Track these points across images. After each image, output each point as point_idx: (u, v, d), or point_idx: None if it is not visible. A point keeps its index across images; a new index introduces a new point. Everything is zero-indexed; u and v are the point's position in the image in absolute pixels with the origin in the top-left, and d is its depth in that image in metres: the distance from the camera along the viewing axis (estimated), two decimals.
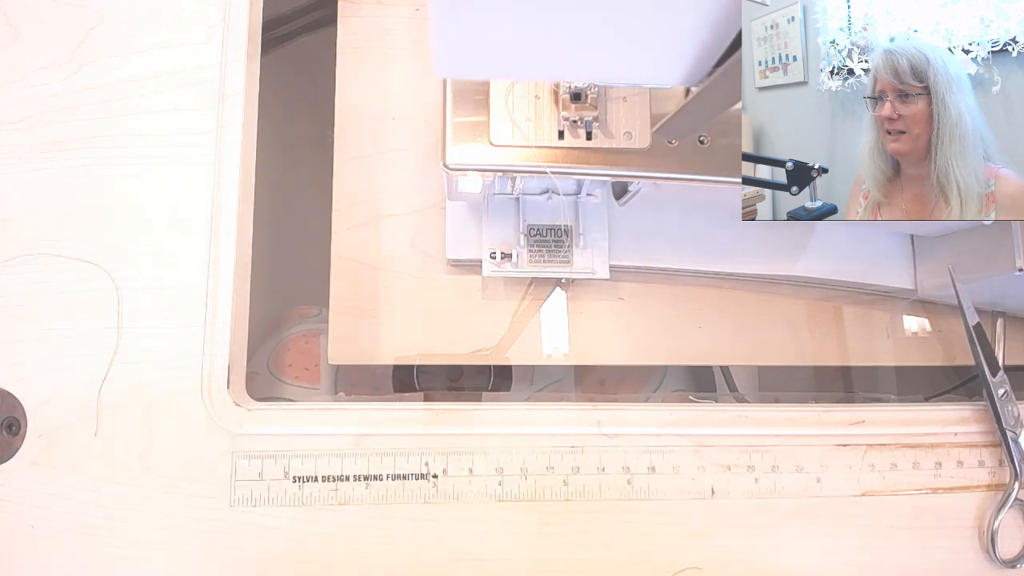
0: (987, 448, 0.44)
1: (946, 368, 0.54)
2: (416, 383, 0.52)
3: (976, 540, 0.43)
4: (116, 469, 0.40)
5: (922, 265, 0.52)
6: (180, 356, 0.41)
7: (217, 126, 0.43)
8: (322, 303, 0.51)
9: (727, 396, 0.55)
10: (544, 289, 0.51)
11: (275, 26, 0.58)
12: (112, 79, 0.44)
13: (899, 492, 0.43)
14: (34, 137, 0.43)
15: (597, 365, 0.53)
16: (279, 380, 0.53)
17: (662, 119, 0.38)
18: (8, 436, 0.40)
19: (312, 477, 0.40)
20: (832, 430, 0.43)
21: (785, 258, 0.51)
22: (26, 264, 0.41)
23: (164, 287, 0.42)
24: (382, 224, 0.51)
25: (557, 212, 0.47)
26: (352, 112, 0.52)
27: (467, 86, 0.38)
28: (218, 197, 0.43)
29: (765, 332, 0.53)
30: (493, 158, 0.38)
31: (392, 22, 0.53)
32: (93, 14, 0.44)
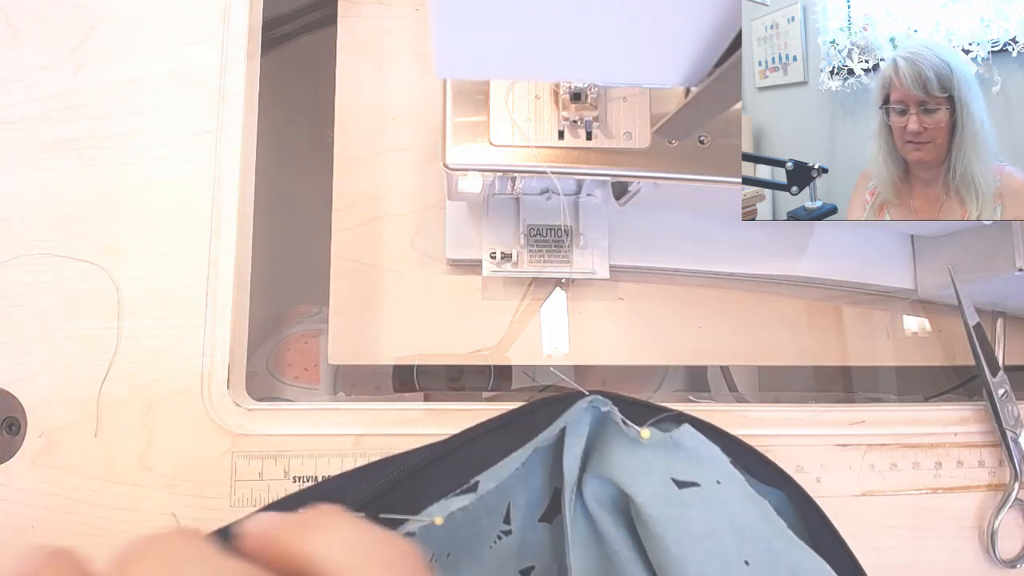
0: (987, 448, 0.44)
1: (946, 368, 0.54)
2: (416, 383, 0.52)
3: (976, 540, 0.43)
4: (116, 469, 0.40)
5: (922, 265, 0.52)
6: (180, 356, 0.41)
7: (217, 126, 0.43)
8: (322, 303, 0.51)
9: (727, 396, 0.55)
10: (544, 289, 0.51)
11: (275, 26, 0.58)
12: (112, 79, 0.44)
13: (899, 492, 0.43)
14: (34, 137, 0.43)
15: (597, 365, 0.53)
16: (278, 380, 0.53)
17: (662, 119, 0.38)
18: (8, 436, 0.40)
19: (312, 477, 0.40)
20: (832, 430, 0.43)
21: (785, 258, 0.51)
22: (26, 264, 0.41)
23: (164, 287, 0.42)
24: (382, 224, 0.51)
25: (557, 212, 0.47)
26: (352, 112, 0.52)
27: (467, 86, 0.38)
28: (218, 197, 0.43)
29: (765, 332, 0.53)
30: (493, 158, 0.38)
31: (392, 22, 0.53)
32: (93, 14, 0.44)
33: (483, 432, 0.36)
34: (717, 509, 0.34)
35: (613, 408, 0.36)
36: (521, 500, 0.37)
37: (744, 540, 0.33)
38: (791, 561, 0.33)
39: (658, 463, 0.35)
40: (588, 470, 0.36)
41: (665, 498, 0.34)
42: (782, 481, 0.38)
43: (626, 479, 0.34)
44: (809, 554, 0.34)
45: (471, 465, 0.34)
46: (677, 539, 0.32)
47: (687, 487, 0.34)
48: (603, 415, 0.37)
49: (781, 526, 0.34)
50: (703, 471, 0.35)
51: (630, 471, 0.35)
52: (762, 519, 0.34)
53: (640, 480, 0.34)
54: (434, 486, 0.33)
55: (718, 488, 0.34)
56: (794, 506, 0.38)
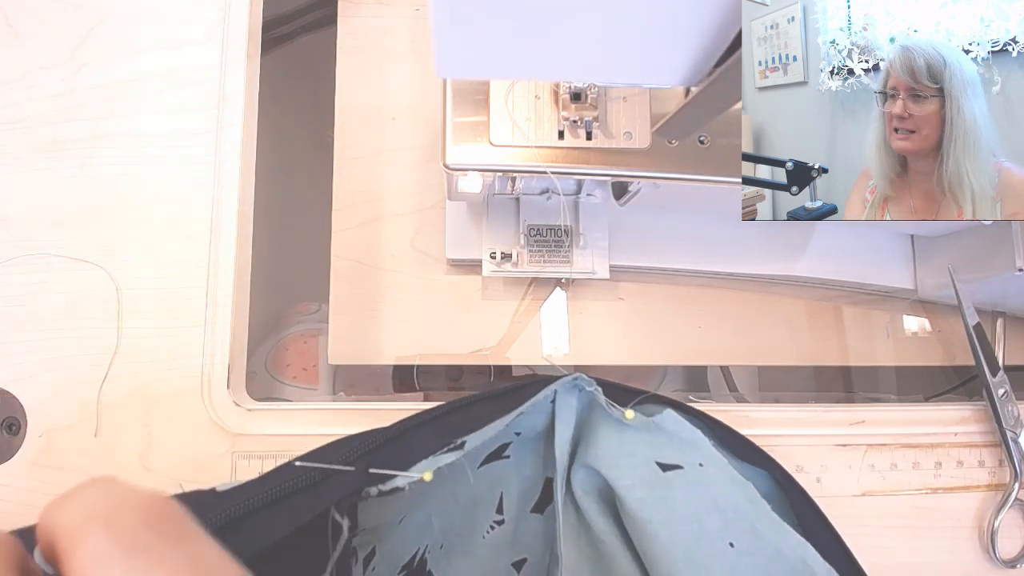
0: (987, 448, 0.44)
1: (946, 368, 0.54)
2: (416, 383, 0.51)
3: (976, 540, 0.43)
4: (116, 469, 0.40)
5: (922, 265, 0.52)
6: (180, 356, 0.41)
7: (217, 126, 0.43)
8: (321, 302, 0.51)
9: (727, 396, 0.55)
10: (544, 289, 0.51)
11: (275, 26, 0.58)
12: (112, 79, 0.44)
13: (899, 492, 0.43)
14: (34, 137, 0.43)
15: (597, 365, 0.53)
16: (277, 380, 0.53)
17: (662, 119, 0.38)
18: (8, 436, 0.40)
19: None
20: (832, 430, 0.44)
21: (785, 258, 0.51)
22: (26, 264, 0.41)
23: (164, 287, 0.42)
24: (382, 224, 0.51)
25: (557, 212, 0.47)
26: (352, 112, 0.52)
27: (467, 86, 0.38)
28: (218, 197, 0.43)
29: (765, 332, 0.53)
30: (493, 158, 0.38)
31: (392, 22, 0.53)
32: (93, 14, 0.44)
33: (471, 401, 0.36)
34: (701, 491, 0.34)
35: (597, 388, 0.36)
36: (514, 490, 0.38)
37: (728, 522, 0.33)
38: (775, 542, 0.33)
39: (642, 447, 0.35)
40: (577, 459, 0.36)
41: (650, 481, 0.34)
42: (765, 462, 0.38)
43: (611, 463, 0.35)
44: (792, 535, 0.34)
45: (459, 428, 0.34)
46: (663, 522, 0.33)
47: (671, 469, 0.35)
48: (589, 403, 0.37)
49: (765, 508, 0.35)
50: (686, 454, 0.35)
51: (616, 455, 0.35)
52: (746, 500, 0.35)
53: (625, 463, 0.35)
54: (421, 445, 0.33)
55: (701, 471, 0.35)
56: (778, 486, 0.38)
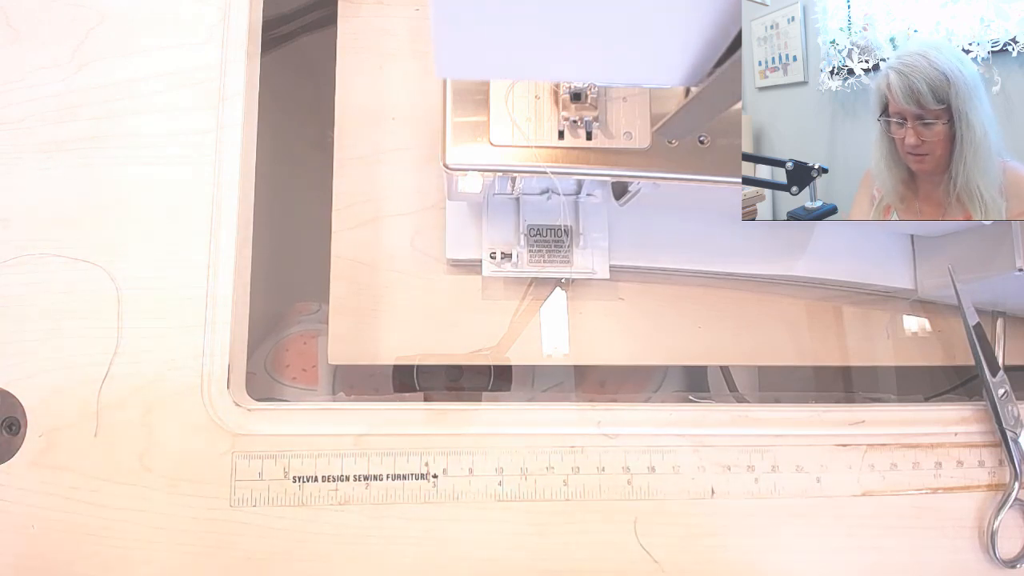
0: (987, 448, 0.44)
1: (946, 368, 0.54)
2: (416, 383, 0.51)
3: (976, 540, 0.43)
4: (116, 469, 0.40)
5: (922, 265, 0.52)
6: (180, 356, 0.41)
7: (217, 126, 0.43)
8: (321, 303, 0.51)
9: (727, 396, 0.55)
10: (544, 289, 0.51)
11: (275, 26, 0.58)
12: (112, 79, 0.44)
13: (899, 492, 0.43)
14: (34, 137, 0.43)
15: (597, 366, 0.53)
16: (277, 381, 0.53)
17: (662, 119, 0.38)
18: (8, 436, 0.40)
19: (312, 477, 0.40)
20: (832, 430, 0.44)
21: (785, 258, 0.51)
22: (26, 264, 0.41)
23: (164, 287, 0.42)
24: (382, 224, 0.51)
25: (557, 212, 0.47)
26: (352, 112, 0.52)
27: (467, 86, 0.38)
28: (218, 197, 0.43)
29: (765, 332, 0.53)
30: (493, 158, 0.38)
31: (392, 22, 0.53)
32: (93, 14, 0.44)
33: None
34: None
35: None
36: None
37: None
38: None
39: None
40: None
41: None
42: None
43: None
44: None
45: None
46: None
47: None
48: None
49: None
50: None
51: None
52: None
53: None
54: None
55: None
56: None
